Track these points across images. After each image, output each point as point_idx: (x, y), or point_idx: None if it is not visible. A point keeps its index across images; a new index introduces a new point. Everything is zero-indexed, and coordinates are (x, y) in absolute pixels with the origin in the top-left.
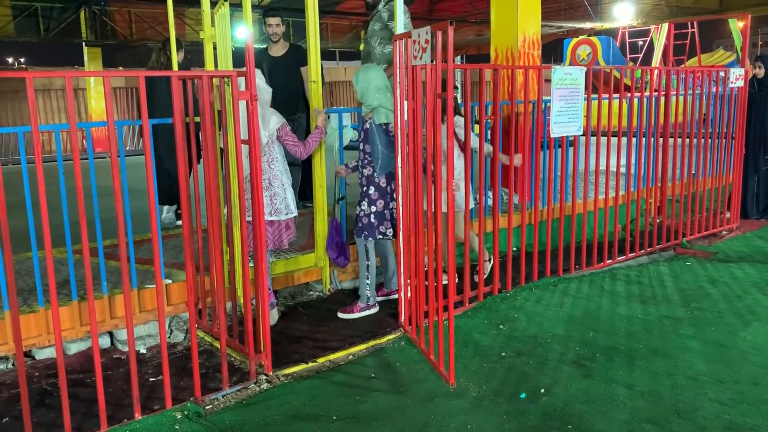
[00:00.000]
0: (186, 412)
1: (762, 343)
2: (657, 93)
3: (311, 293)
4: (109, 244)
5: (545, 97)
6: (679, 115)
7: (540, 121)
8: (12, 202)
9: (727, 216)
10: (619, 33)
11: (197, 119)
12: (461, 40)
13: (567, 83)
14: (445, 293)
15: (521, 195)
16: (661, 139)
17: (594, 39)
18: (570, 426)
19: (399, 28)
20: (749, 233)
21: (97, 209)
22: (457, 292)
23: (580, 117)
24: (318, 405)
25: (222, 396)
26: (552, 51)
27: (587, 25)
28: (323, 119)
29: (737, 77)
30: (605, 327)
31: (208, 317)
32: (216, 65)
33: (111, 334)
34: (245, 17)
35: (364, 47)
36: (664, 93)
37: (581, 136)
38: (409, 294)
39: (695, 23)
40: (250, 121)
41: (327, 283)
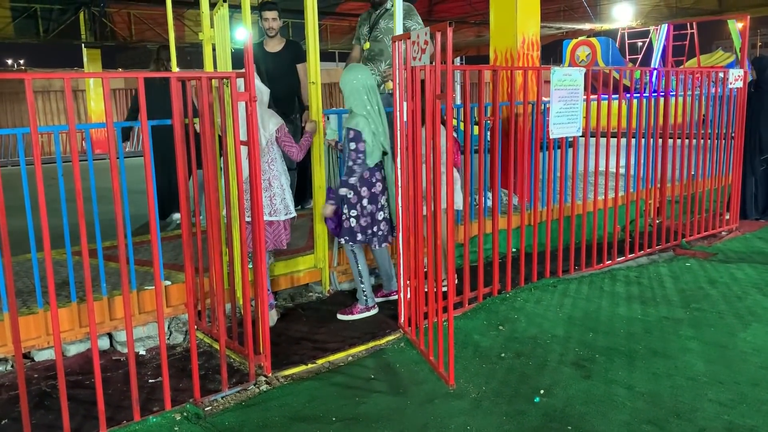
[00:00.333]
0: (185, 413)
1: (762, 344)
2: (656, 94)
3: (311, 294)
4: (109, 245)
5: (544, 99)
6: (679, 116)
7: (539, 122)
8: (11, 203)
9: (727, 217)
10: (619, 34)
11: (197, 125)
12: (461, 41)
13: (566, 84)
14: (445, 294)
15: (520, 196)
16: (661, 140)
17: (593, 40)
18: (570, 427)
19: (398, 28)
20: (749, 234)
21: (97, 211)
22: (457, 293)
23: (579, 118)
24: (317, 406)
25: (221, 397)
26: (551, 52)
27: (586, 26)
28: (312, 127)
29: (736, 78)
30: (605, 328)
31: (207, 319)
32: (215, 66)
33: (110, 335)
34: (244, 19)
35: (370, 45)
36: (663, 93)
37: (580, 137)
38: (409, 295)
39: (694, 24)
40: (249, 123)
41: (326, 285)
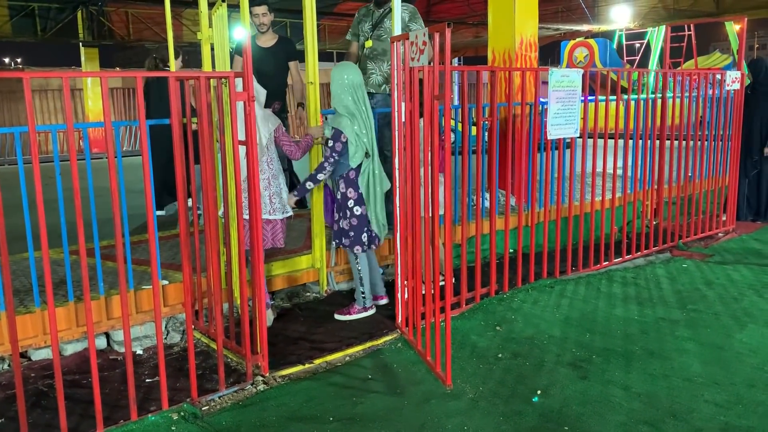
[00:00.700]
0: (182, 413)
1: (758, 345)
2: (654, 95)
3: (308, 294)
4: (106, 244)
5: (542, 99)
6: (676, 118)
7: (537, 123)
8: (9, 202)
9: (723, 218)
10: (616, 35)
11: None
12: (459, 42)
13: (564, 85)
14: (442, 295)
15: (518, 197)
16: (658, 142)
17: (591, 41)
18: (566, 427)
19: (396, 29)
20: (745, 235)
21: (94, 210)
22: (454, 293)
23: (576, 119)
24: (315, 406)
25: (218, 397)
26: (549, 53)
27: (584, 28)
28: (317, 132)
29: (733, 80)
30: (602, 329)
31: (204, 318)
32: (214, 66)
33: (107, 335)
34: (242, 18)
35: (372, 44)
36: (660, 95)
37: (578, 138)
38: (406, 296)
39: (692, 26)
40: (247, 122)
41: (324, 285)
